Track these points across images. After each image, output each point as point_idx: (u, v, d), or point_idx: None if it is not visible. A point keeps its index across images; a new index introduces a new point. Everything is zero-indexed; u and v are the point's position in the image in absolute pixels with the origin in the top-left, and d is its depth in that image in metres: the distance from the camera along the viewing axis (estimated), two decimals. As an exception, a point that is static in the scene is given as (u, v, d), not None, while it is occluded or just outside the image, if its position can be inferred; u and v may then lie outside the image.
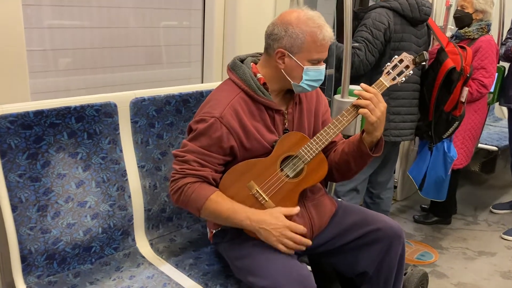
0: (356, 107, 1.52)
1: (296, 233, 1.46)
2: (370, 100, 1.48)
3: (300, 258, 1.68)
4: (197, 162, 1.50)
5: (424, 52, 1.56)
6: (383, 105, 1.50)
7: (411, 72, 1.56)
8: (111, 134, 1.71)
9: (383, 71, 1.57)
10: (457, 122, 2.63)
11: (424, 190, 2.92)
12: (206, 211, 1.48)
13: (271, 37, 1.54)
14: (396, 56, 1.57)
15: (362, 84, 1.54)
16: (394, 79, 1.55)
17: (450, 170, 2.84)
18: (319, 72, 1.54)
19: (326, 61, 2.57)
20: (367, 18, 2.33)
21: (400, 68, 1.55)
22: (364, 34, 2.30)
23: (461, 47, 2.59)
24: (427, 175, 2.84)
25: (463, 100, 2.57)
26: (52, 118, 1.55)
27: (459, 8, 2.96)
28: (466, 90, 2.55)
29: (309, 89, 1.56)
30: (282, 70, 1.54)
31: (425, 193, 2.94)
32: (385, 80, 1.55)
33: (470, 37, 2.93)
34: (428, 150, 2.84)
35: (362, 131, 1.57)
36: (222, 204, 1.48)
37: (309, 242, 1.49)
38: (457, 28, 3.07)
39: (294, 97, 1.63)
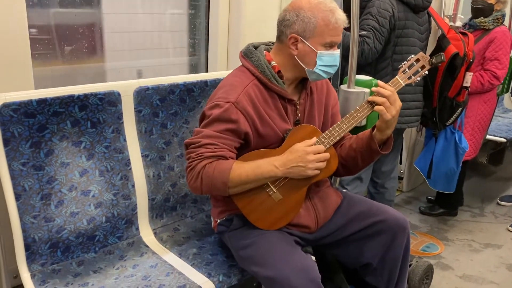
0: (371, 103, 1.50)
1: (315, 151, 1.47)
2: (387, 98, 1.46)
3: (304, 248, 1.67)
4: (214, 144, 1.45)
5: (442, 53, 1.56)
6: (398, 103, 1.49)
7: (427, 72, 1.56)
8: (114, 123, 1.70)
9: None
10: (460, 108, 2.64)
11: (433, 182, 2.90)
12: (233, 181, 1.43)
13: (283, 24, 1.51)
14: (412, 55, 1.57)
15: (379, 81, 1.52)
16: (409, 78, 1.55)
17: (461, 162, 2.82)
18: (333, 57, 1.51)
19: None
20: (371, 6, 2.33)
21: (416, 67, 1.55)
22: (370, 22, 2.29)
23: (462, 33, 2.58)
24: (436, 166, 2.82)
25: (467, 86, 2.58)
26: (55, 106, 1.54)
27: None
28: (469, 75, 2.56)
29: (324, 75, 1.53)
30: (295, 57, 1.51)
31: (434, 184, 2.92)
32: (401, 79, 1.54)
33: (485, 27, 2.89)
34: (433, 140, 2.83)
35: (372, 128, 1.55)
36: (245, 167, 1.45)
37: (327, 155, 1.49)
38: (468, 17, 3.03)
39: (306, 87, 1.61)
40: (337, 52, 1.52)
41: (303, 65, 1.52)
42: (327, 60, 1.50)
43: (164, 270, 1.61)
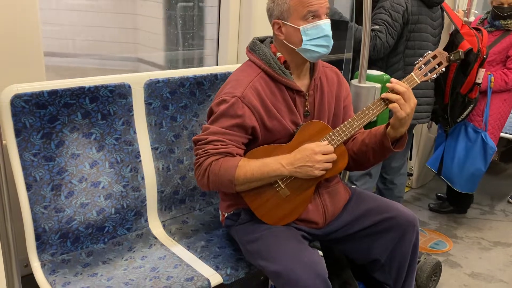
0: (385, 100, 1.47)
1: (324, 151, 1.45)
2: (402, 95, 1.44)
3: (312, 243, 1.67)
4: (220, 141, 1.46)
5: (460, 50, 1.52)
6: (413, 101, 1.45)
7: (443, 69, 1.52)
8: (125, 115, 1.71)
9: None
10: (472, 105, 2.63)
11: (459, 184, 2.88)
12: (239, 179, 1.43)
13: (267, 14, 1.54)
14: (429, 52, 1.53)
15: (392, 79, 1.49)
16: (425, 75, 1.51)
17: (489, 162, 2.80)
18: (318, 28, 1.47)
19: (343, 44, 2.55)
20: (384, 0, 2.30)
21: (432, 64, 1.51)
22: (383, 16, 2.27)
23: (476, 29, 2.54)
24: (461, 167, 2.81)
25: (479, 82, 2.56)
26: (66, 98, 1.55)
27: (507, 5, 2.84)
28: (482, 71, 2.54)
29: (319, 49, 1.49)
30: (284, 41, 1.51)
31: (460, 187, 2.90)
32: (417, 76, 1.50)
33: (509, 28, 2.86)
34: (444, 139, 2.81)
35: (387, 125, 1.54)
36: (251, 164, 1.44)
37: (335, 156, 1.48)
38: (484, 14, 2.99)
39: (315, 79, 1.59)
40: (322, 21, 1.47)
41: (293, 47, 1.50)
42: (313, 33, 1.47)
43: (172, 262, 1.62)
